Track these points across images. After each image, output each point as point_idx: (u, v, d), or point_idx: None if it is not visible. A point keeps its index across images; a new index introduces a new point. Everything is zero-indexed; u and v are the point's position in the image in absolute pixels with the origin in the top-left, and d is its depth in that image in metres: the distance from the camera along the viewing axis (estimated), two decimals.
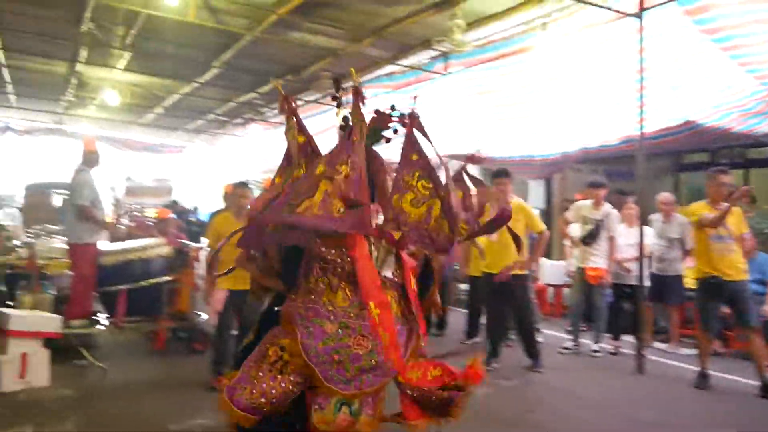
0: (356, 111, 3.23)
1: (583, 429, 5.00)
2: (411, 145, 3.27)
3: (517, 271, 6.62)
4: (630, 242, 7.61)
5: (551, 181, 13.08)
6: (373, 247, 3.06)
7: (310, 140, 3.36)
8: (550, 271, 10.12)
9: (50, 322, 6.03)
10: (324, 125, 14.70)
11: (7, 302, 6.82)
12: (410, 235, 3.13)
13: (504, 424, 5.06)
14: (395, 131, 3.39)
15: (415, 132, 3.31)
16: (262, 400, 2.85)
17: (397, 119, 3.35)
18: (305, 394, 2.96)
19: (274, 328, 3.09)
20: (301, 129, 3.36)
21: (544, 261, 9.54)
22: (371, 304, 2.85)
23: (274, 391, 2.86)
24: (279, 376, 2.89)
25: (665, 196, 8.05)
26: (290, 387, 2.89)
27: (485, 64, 9.49)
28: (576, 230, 7.96)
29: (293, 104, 3.42)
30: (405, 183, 3.19)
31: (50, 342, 6.01)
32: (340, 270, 3.00)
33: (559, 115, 9.24)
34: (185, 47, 10.83)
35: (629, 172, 12.36)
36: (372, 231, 3.03)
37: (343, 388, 2.87)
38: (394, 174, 3.25)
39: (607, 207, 7.60)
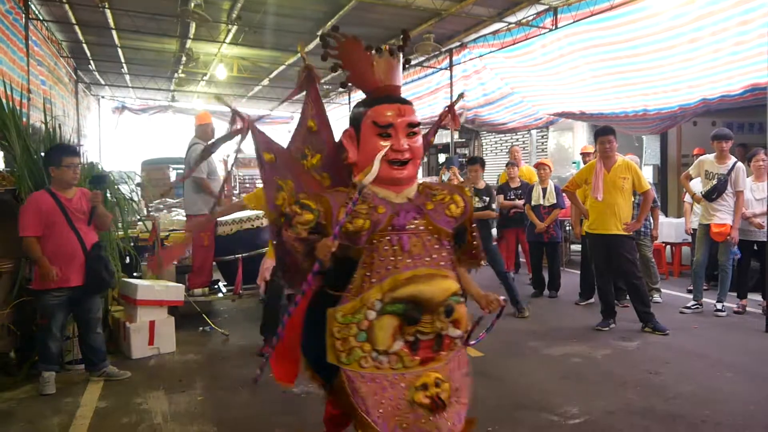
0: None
1: (713, 390, 4.74)
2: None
3: (617, 231, 6.48)
4: (759, 197, 7.20)
5: (666, 136, 12.47)
6: None
7: (323, 126, 3.00)
8: (668, 230, 9.67)
9: (174, 291, 6.31)
10: (428, 88, 14.71)
11: (134, 273, 7.17)
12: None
13: (627, 386, 4.88)
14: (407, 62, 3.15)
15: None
16: None
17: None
18: None
19: None
20: (318, 113, 3.02)
21: (661, 219, 9.11)
22: None
23: None
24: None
25: None
26: None
27: (596, 17, 9.11)
28: (698, 186, 7.55)
29: (316, 78, 3.06)
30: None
31: (174, 310, 6.31)
32: None
33: (676, 66, 8.75)
34: (289, 17, 10.95)
35: (751, 123, 11.68)
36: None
37: None
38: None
39: (732, 160, 7.13)
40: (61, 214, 4.85)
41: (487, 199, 7.50)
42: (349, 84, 2.95)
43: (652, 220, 8.04)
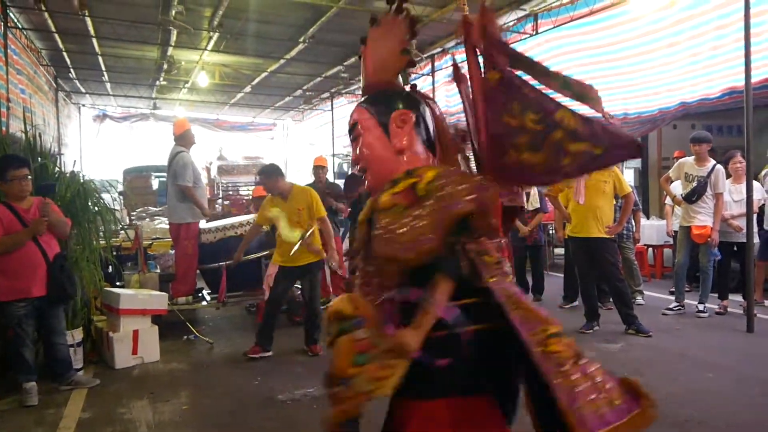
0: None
1: (696, 390, 4.79)
2: (488, 65, 2.28)
3: (598, 234, 6.54)
4: (738, 199, 7.30)
5: (647, 140, 12.58)
6: None
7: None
8: (649, 232, 9.77)
9: (158, 299, 6.27)
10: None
11: (116, 282, 7.12)
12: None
13: None
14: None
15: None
16: None
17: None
18: None
19: None
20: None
21: (643, 221, 9.20)
22: None
23: None
24: None
25: None
26: None
27: (576, 21, 9.20)
28: (678, 188, 7.63)
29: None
30: (507, 126, 2.20)
31: (158, 319, 6.27)
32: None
33: (655, 70, 8.85)
34: (270, 24, 10.94)
35: (729, 126, 11.83)
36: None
37: None
38: (473, 119, 2.34)
39: (712, 163, 7.21)
40: (21, 226, 4.79)
41: None
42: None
43: (634, 223, 8.11)
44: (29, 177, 4.94)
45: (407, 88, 2.39)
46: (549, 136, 2.15)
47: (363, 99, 2.39)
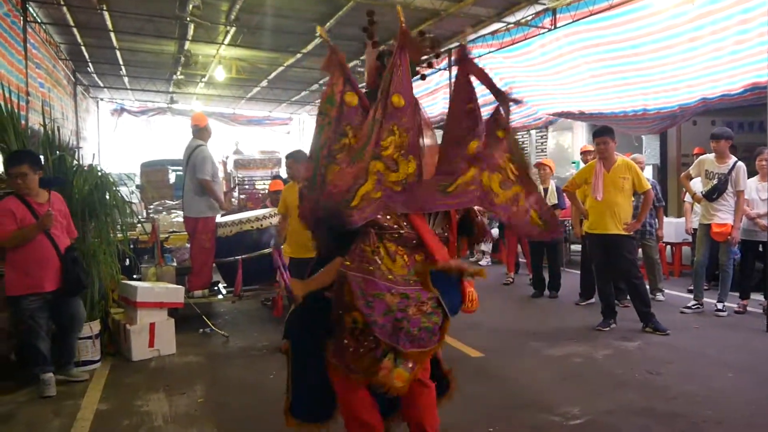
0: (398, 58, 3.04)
1: (714, 389, 4.74)
2: (496, 120, 3.15)
3: (616, 231, 6.47)
4: (765, 197, 7.19)
5: (666, 136, 12.47)
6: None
7: (362, 99, 3.08)
8: (668, 229, 9.66)
9: (174, 293, 6.29)
10: (427, 88, 14.70)
11: (134, 275, 7.16)
12: (502, 215, 3.12)
13: (627, 386, 4.88)
14: (430, 65, 3.24)
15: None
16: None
17: (429, 48, 3.15)
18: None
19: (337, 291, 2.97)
20: (353, 87, 3.08)
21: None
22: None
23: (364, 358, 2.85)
24: (361, 339, 2.85)
25: None
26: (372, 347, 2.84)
27: (595, 16, 9.12)
28: (698, 185, 7.54)
29: (340, 57, 3.16)
30: (496, 164, 3.05)
31: (174, 312, 6.30)
32: (396, 236, 2.91)
33: (676, 65, 8.75)
34: (287, 18, 10.95)
35: (751, 123, 11.69)
36: (434, 207, 2.99)
37: (407, 346, 2.82)
38: (482, 147, 3.06)
39: (733, 160, 7.11)
40: (34, 219, 4.79)
41: None
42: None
43: (657, 220, 8.02)
44: (27, 174, 4.83)
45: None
46: (514, 188, 3.11)
47: None
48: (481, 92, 3.10)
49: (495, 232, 11.12)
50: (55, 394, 4.78)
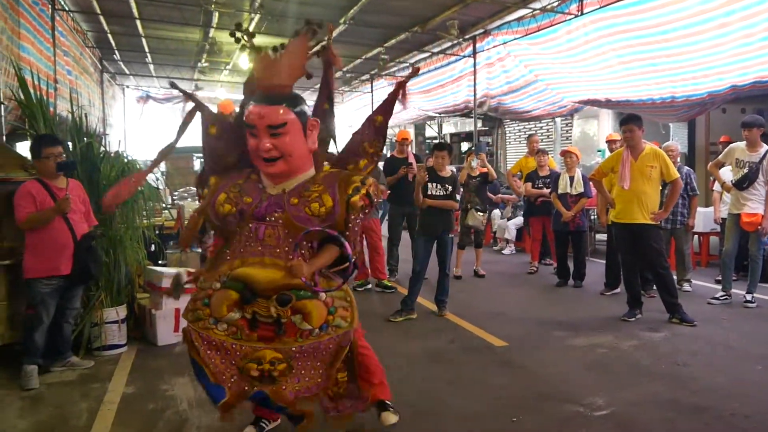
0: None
1: (742, 382, 4.67)
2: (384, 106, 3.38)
3: (643, 221, 6.38)
4: None
5: (694, 124, 12.29)
6: None
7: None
8: (696, 219, 9.52)
9: None
10: (451, 76, 14.63)
11: (159, 261, 7.22)
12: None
13: (653, 377, 4.82)
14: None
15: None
16: None
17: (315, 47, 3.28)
18: None
19: None
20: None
21: None
22: None
23: None
24: None
25: None
26: None
27: (623, 1, 8.97)
28: (728, 174, 7.42)
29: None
30: (363, 149, 3.36)
31: None
32: None
33: (705, 52, 8.60)
34: (312, 6, 10.94)
35: None
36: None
37: None
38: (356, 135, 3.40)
39: (764, 148, 6.98)
40: (54, 204, 4.81)
41: (450, 188, 6.95)
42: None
43: (688, 211, 7.88)
44: (63, 155, 4.96)
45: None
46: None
47: (282, 98, 3.01)
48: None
49: (519, 220, 11.07)
50: (37, 387, 4.75)
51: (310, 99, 3.38)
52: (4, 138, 6.35)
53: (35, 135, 5.41)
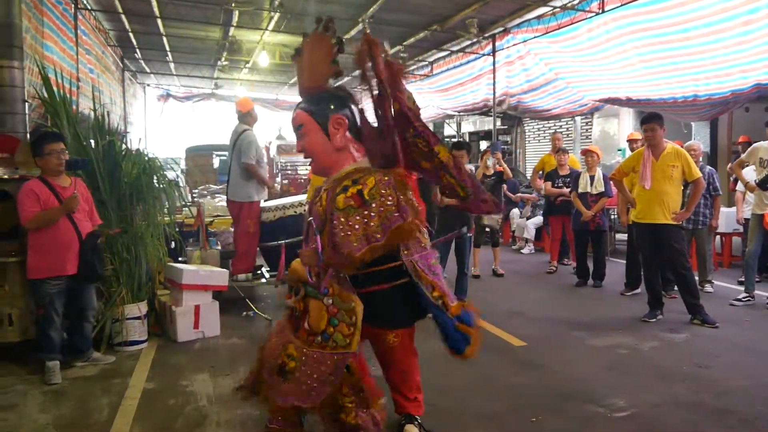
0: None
1: (765, 385, 4.60)
2: (395, 96, 3.13)
3: (665, 221, 6.32)
4: None
5: (717, 123, 12.15)
6: None
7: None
8: (719, 219, 9.44)
9: (219, 276, 6.36)
10: (471, 74, 14.58)
11: (179, 258, 7.27)
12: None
13: (674, 379, 4.77)
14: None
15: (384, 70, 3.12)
16: None
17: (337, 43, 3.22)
18: None
19: None
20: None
21: None
22: None
23: None
24: None
25: None
26: None
27: None
28: (751, 174, 7.33)
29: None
30: (407, 140, 3.13)
31: (218, 295, 6.38)
32: None
33: (729, 50, 8.50)
34: (331, 4, 10.93)
35: None
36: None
37: None
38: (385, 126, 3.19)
39: None
40: (57, 202, 4.79)
41: None
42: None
43: (711, 211, 7.79)
44: (66, 152, 4.95)
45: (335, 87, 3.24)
46: (433, 159, 3.09)
47: (302, 102, 3.15)
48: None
49: (538, 219, 11.02)
50: (60, 381, 4.79)
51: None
52: (28, 136, 6.42)
53: (36, 132, 5.41)
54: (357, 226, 2.84)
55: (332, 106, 3.12)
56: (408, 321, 3.36)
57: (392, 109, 3.08)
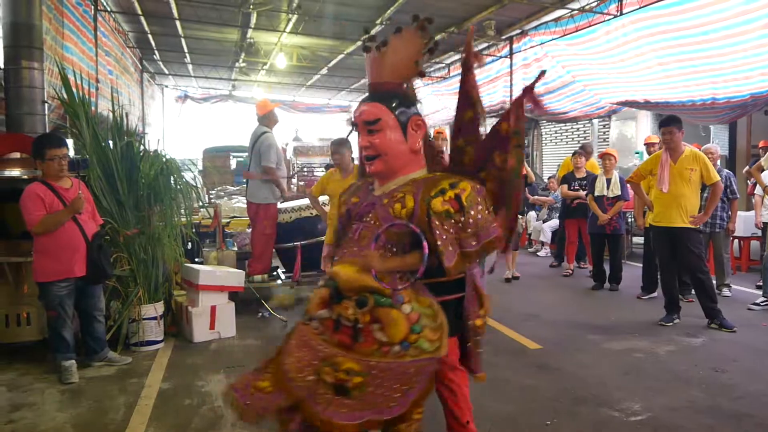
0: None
1: None
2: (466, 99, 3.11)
3: (682, 224, 6.26)
4: None
5: (735, 126, 12.04)
6: None
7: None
8: (737, 223, 9.34)
9: (235, 277, 6.40)
10: (488, 76, 14.55)
11: (195, 259, 7.32)
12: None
13: (691, 383, 4.74)
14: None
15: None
16: None
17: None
18: None
19: None
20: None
21: None
22: None
23: None
24: None
25: None
26: None
27: (664, 1, 8.83)
28: None
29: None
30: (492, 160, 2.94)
31: (234, 295, 6.41)
32: None
33: (747, 53, 8.42)
34: (348, 6, 10.98)
35: None
36: None
37: None
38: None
39: None
40: (61, 205, 4.81)
41: None
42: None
43: (728, 214, 7.72)
44: (68, 157, 4.97)
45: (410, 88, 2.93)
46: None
47: (381, 96, 2.84)
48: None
49: (555, 223, 10.97)
50: (77, 381, 4.83)
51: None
52: None
53: (38, 135, 5.42)
54: (452, 231, 2.69)
55: (413, 107, 2.91)
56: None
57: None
